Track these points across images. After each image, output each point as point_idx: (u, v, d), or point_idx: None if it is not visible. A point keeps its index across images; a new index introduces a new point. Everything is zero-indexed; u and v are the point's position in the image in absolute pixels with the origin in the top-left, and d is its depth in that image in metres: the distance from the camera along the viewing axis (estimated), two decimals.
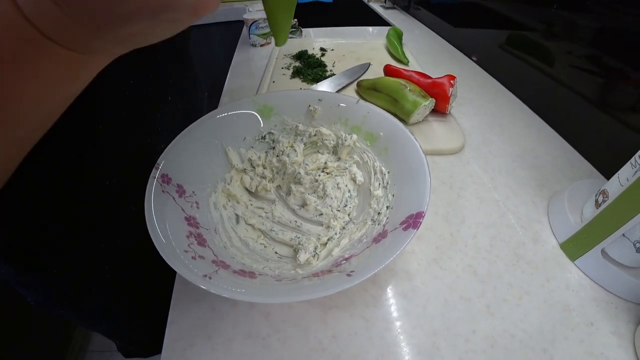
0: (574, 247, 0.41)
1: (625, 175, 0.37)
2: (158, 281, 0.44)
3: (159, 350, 0.32)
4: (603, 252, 0.39)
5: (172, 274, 0.32)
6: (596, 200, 0.40)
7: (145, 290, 0.53)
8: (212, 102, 0.69)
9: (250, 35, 0.91)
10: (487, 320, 0.35)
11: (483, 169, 0.53)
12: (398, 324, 0.35)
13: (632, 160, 0.37)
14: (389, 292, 0.37)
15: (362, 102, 0.45)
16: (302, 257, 0.36)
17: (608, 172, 0.51)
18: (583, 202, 0.43)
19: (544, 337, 0.34)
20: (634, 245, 0.36)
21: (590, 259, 0.39)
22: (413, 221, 0.32)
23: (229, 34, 1.44)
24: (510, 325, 0.35)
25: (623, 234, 0.36)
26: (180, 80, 0.52)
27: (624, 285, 0.37)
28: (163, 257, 0.29)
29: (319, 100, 0.46)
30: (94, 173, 0.41)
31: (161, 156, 0.38)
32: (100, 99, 0.38)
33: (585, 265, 0.40)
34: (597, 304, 0.37)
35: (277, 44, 0.33)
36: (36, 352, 0.97)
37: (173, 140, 0.40)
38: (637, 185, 0.34)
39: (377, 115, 0.44)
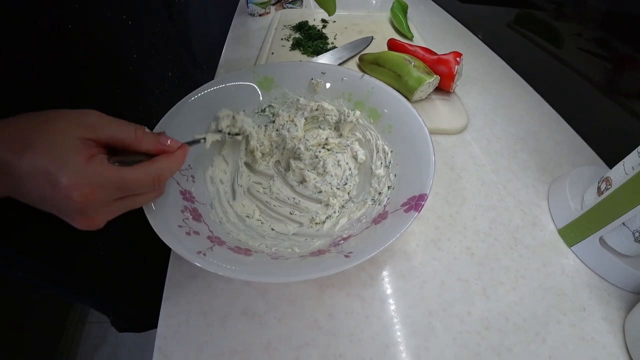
0: (573, 233, 0.41)
1: (630, 163, 0.36)
2: (152, 257, 0.44)
3: (153, 326, 0.32)
4: (601, 239, 0.38)
5: (167, 249, 0.32)
6: (598, 188, 0.40)
7: (139, 266, 0.53)
8: (208, 73, 0.66)
9: (249, 4, 0.86)
10: (482, 302, 0.35)
11: (485, 150, 0.52)
12: (394, 303, 0.35)
13: (639, 148, 0.36)
14: (387, 272, 0.37)
15: (366, 76, 0.43)
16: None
17: (611, 159, 0.51)
18: (584, 189, 0.43)
19: (537, 320, 0.35)
20: (633, 234, 0.36)
21: (588, 245, 0.39)
22: (415, 203, 0.31)
23: (227, 2, 1.37)
24: (505, 308, 0.35)
25: (623, 223, 0.36)
26: (174, 50, 0.50)
27: (619, 273, 0.38)
28: (157, 232, 0.28)
29: (322, 73, 0.44)
30: None
31: (156, 127, 0.37)
32: (92, 68, 0.36)
33: (582, 252, 0.40)
34: (591, 290, 0.38)
35: (329, 14, 0.38)
36: (36, 324, 0.97)
37: (169, 111, 0.38)
38: None
39: (382, 91, 0.42)
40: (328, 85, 0.44)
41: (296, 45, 0.72)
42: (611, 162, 0.39)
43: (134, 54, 0.40)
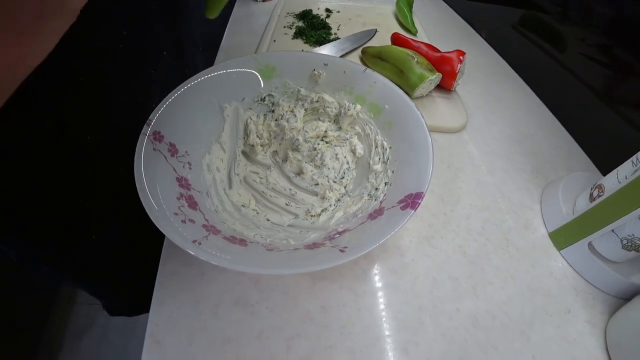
0: (563, 237, 0.41)
1: (624, 172, 0.37)
2: (146, 242, 0.43)
3: (144, 310, 0.32)
4: (590, 245, 0.39)
5: (160, 235, 0.31)
6: (591, 194, 0.40)
7: (132, 251, 0.53)
8: (207, 58, 0.65)
9: None
10: (471, 300, 0.36)
11: (482, 150, 0.53)
12: (386, 298, 0.35)
13: (634, 158, 0.37)
14: (379, 266, 0.38)
15: (369, 70, 0.43)
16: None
17: (605, 167, 0.51)
18: (577, 194, 0.44)
19: (523, 320, 0.35)
20: (621, 241, 0.37)
21: (577, 250, 0.40)
22: (412, 201, 0.31)
23: None
24: (493, 306, 0.36)
25: (612, 230, 0.37)
26: (174, 34, 0.49)
27: (605, 278, 0.38)
28: (152, 219, 0.28)
29: (325, 64, 0.44)
30: (79, 128, 0.38)
31: (153, 112, 0.36)
32: (91, 51, 0.35)
33: (570, 256, 0.41)
34: (577, 293, 0.39)
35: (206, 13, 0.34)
36: (23, 304, 0.97)
37: (167, 96, 0.38)
38: (636, 183, 0.34)
39: (384, 86, 0.42)
40: (330, 77, 0.44)
41: (299, 34, 0.71)
42: (605, 170, 0.40)
43: (123, 30, 0.38)
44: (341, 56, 0.65)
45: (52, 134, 0.36)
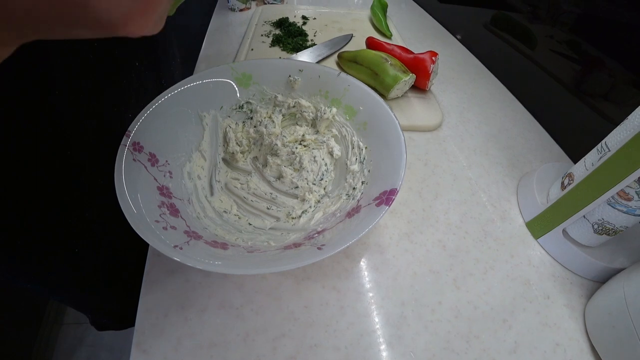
0: (539, 226, 0.43)
1: (590, 160, 0.39)
2: (130, 253, 0.43)
3: (132, 323, 0.32)
4: (564, 231, 0.41)
5: (144, 245, 0.32)
6: (562, 183, 0.42)
7: (117, 263, 0.52)
8: (186, 68, 0.66)
9: None
10: (452, 292, 0.37)
11: (459, 147, 0.54)
12: (369, 295, 0.36)
13: (599, 146, 0.38)
14: (361, 264, 0.38)
15: (343, 74, 0.44)
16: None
17: (577, 156, 0.53)
18: (550, 184, 0.45)
19: (504, 308, 0.36)
20: (592, 226, 0.38)
21: (552, 237, 0.41)
22: (386, 197, 0.32)
23: None
24: (474, 297, 0.37)
25: (584, 216, 0.38)
26: (150, 44, 0.49)
27: (580, 263, 0.40)
28: (132, 226, 0.28)
29: (300, 70, 0.45)
30: (54, 143, 0.38)
31: (132, 123, 0.36)
32: (57, 61, 0.35)
33: (547, 243, 0.42)
34: (555, 279, 0.40)
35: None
36: (8, 325, 0.94)
37: (145, 107, 0.38)
38: (601, 170, 0.35)
39: (358, 89, 0.43)
40: (305, 82, 0.45)
41: (276, 41, 0.72)
42: (577, 159, 0.42)
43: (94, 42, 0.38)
44: (318, 62, 0.66)
45: (28, 148, 0.36)
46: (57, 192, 0.41)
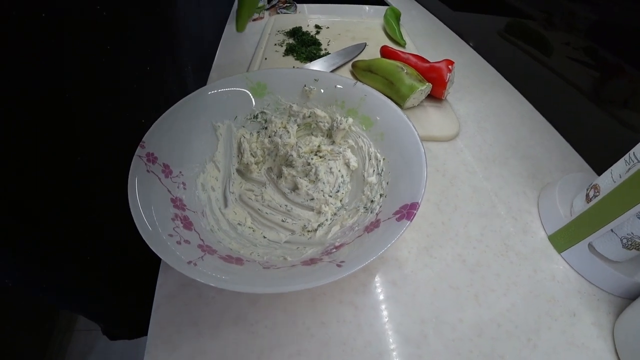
0: (562, 239, 0.41)
1: (618, 171, 0.37)
2: (142, 264, 0.43)
3: (144, 332, 0.32)
4: (590, 245, 0.39)
5: (157, 256, 0.31)
6: (587, 195, 0.40)
7: (129, 273, 0.52)
8: (200, 77, 0.66)
9: None
10: (474, 309, 0.36)
11: (477, 157, 0.53)
12: (387, 311, 0.35)
13: (626, 156, 0.37)
14: (379, 279, 0.37)
15: (359, 84, 0.43)
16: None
17: (599, 166, 0.52)
18: (573, 196, 0.43)
19: (528, 327, 0.35)
20: (621, 240, 0.36)
21: (577, 251, 0.40)
22: (407, 212, 0.31)
23: (221, 4, 1.37)
24: (497, 314, 0.35)
25: (611, 229, 0.37)
26: (164, 52, 0.49)
27: (608, 279, 0.38)
28: (146, 241, 0.27)
29: (315, 80, 0.44)
30: (64, 150, 0.38)
31: (147, 133, 0.36)
32: (71, 65, 0.34)
33: (571, 258, 0.41)
34: (581, 295, 0.38)
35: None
36: (21, 333, 0.95)
37: (160, 117, 0.38)
38: (630, 182, 0.34)
39: (374, 99, 0.42)
40: (321, 92, 0.45)
41: (289, 50, 0.72)
42: (599, 169, 0.40)
43: (107, 45, 0.37)
44: (332, 71, 0.66)
45: (41, 156, 0.36)
46: (69, 199, 0.41)
